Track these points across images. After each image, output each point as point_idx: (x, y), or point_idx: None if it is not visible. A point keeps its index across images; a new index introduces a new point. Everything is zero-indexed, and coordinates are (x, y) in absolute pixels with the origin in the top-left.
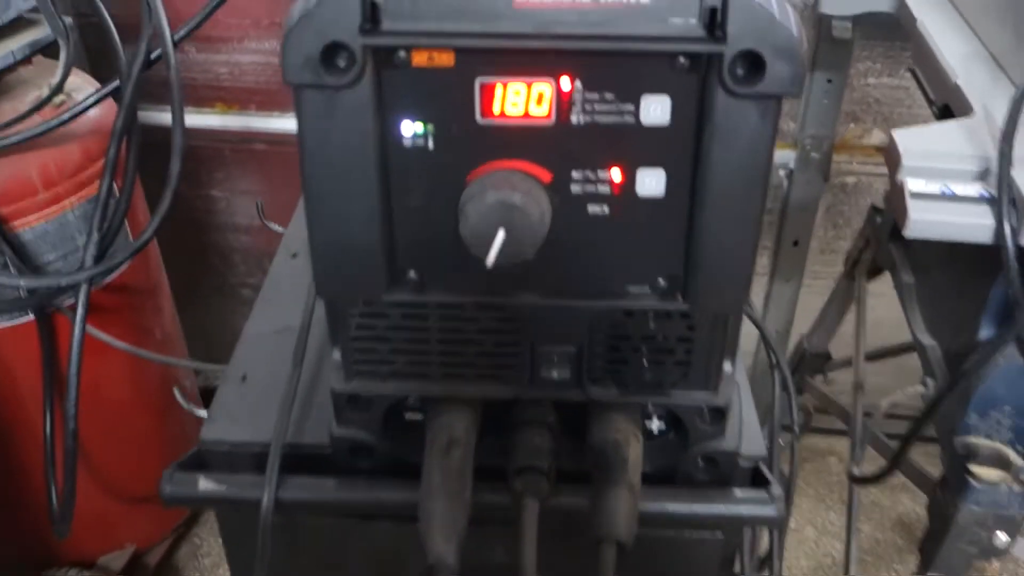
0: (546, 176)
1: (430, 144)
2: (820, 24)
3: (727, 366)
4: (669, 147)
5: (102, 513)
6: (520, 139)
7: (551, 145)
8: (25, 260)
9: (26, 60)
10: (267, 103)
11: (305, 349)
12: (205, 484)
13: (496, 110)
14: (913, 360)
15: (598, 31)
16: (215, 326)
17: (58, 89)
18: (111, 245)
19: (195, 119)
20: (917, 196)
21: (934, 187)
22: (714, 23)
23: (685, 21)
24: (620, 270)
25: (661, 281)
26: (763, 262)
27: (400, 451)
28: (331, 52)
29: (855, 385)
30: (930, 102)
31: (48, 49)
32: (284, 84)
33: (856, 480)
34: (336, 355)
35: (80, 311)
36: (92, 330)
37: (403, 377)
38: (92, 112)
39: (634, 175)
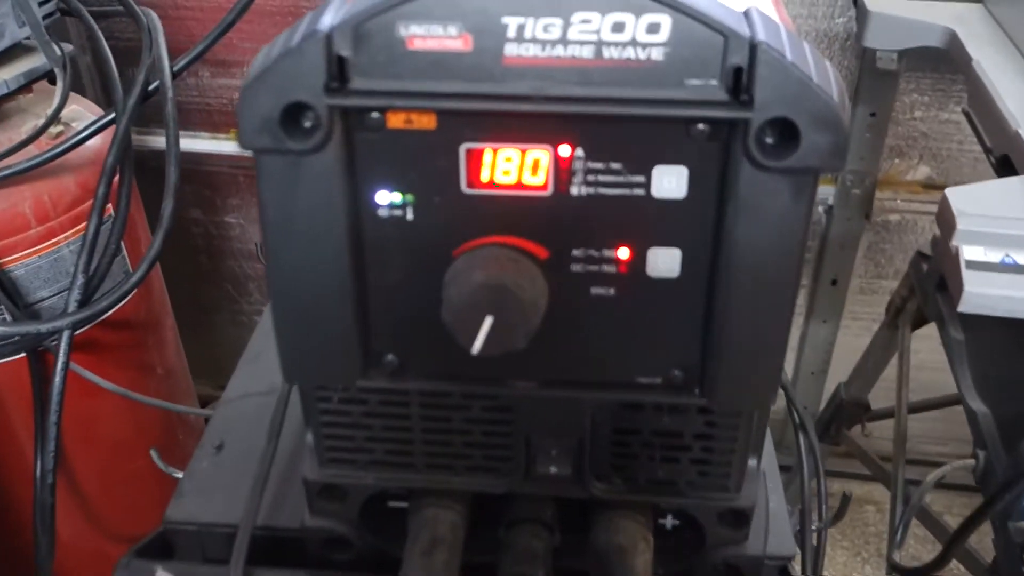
0: (542, 253)
1: (409, 215)
2: (863, 55)
3: (752, 461)
4: (685, 224)
5: (99, 551)
6: (512, 212)
7: (548, 219)
8: (16, 297)
9: (26, 88)
10: None
11: (283, 420)
12: (163, 575)
13: (484, 179)
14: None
15: (602, 93)
16: (228, 355)
17: (53, 119)
18: (99, 287)
19: (209, 145)
20: (974, 266)
21: (994, 256)
22: (739, 85)
23: (705, 83)
24: (628, 359)
25: (675, 372)
26: (799, 301)
27: (382, 543)
28: (293, 113)
29: (896, 441)
30: (987, 151)
31: (51, 75)
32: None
33: (899, 570)
34: (309, 439)
35: (62, 359)
36: (81, 371)
37: (383, 467)
38: (92, 142)
39: (644, 254)
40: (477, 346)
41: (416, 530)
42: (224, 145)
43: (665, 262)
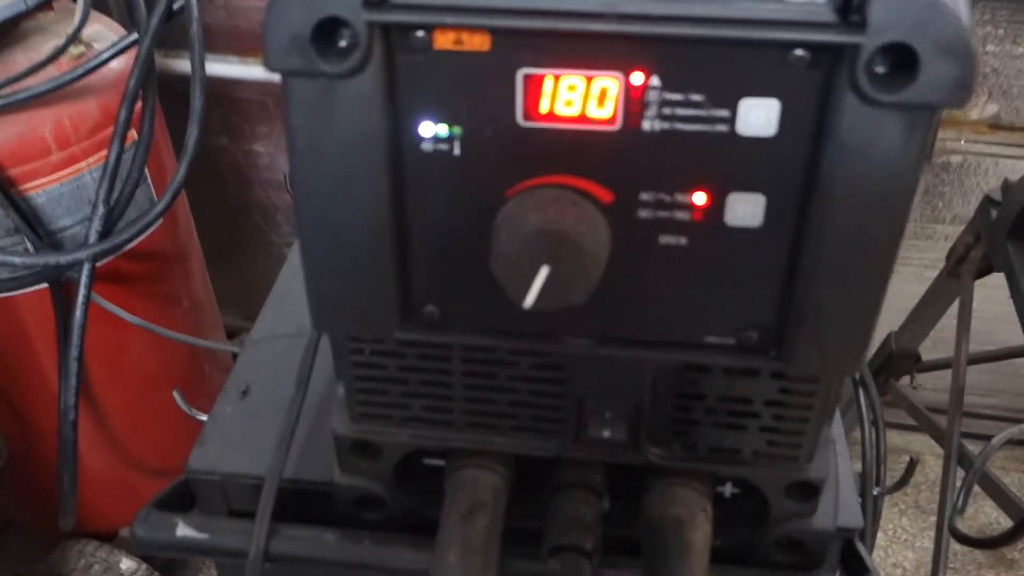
0: (606, 196)
1: (456, 150)
2: None
3: (825, 430)
4: (773, 165)
5: (126, 483)
6: (574, 148)
7: (615, 157)
8: (38, 225)
9: (46, 6)
10: None
11: (312, 365)
12: (184, 530)
13: (543, 110)
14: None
15: (684, 11)
16: (257, 287)
17: (73, 39)
18: (122, 217)
19: (238, 70)
20: None
21: None
22: (849, 4)
23: (808, 0)
24: (697, 316)
25: (750, 333)
26: None
27: (417, 504)
28: (326, 30)
29: (953, 395)
30: None
31: None
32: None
33: (960, 539)
34: (340, 391)
35: (82, 291)
36: (104, 303)
37: (420, 424)
38: (114, 64)
39: (723, 199)
40: (530, 300)
41: (454, 492)
42: (253, 70)
43: (746, 209)
